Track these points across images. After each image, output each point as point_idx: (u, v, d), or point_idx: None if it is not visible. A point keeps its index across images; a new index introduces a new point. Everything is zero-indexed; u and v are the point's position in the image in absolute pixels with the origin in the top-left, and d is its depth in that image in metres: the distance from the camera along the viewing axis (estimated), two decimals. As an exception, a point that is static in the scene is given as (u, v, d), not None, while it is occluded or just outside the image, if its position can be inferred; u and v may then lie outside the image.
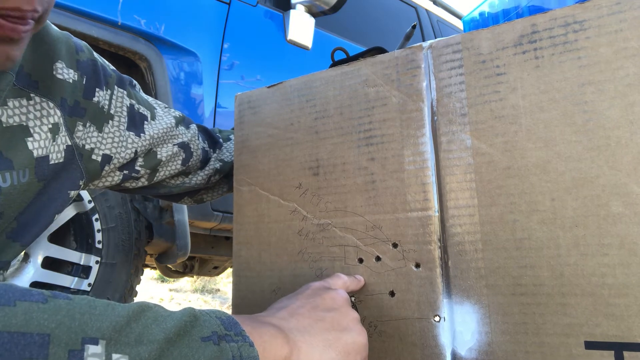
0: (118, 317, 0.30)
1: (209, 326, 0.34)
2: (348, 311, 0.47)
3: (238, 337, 0.35)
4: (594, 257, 0.45)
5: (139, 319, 0.31)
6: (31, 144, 0.48)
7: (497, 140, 0.51)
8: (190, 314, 0.35)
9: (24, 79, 0.48)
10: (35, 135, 0.49)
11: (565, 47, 0.49)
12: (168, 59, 1.45)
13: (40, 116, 0.49)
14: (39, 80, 0.50)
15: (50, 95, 0.51)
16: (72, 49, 0.54)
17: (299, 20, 1.70)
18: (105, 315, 0.30)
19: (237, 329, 0.36)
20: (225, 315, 0.37)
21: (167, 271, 2.27)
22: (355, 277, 0.57)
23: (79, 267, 1.33)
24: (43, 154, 0.50)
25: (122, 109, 0.61)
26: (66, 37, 0.54)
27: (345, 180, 0.60)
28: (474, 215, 0.51)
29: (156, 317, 0.33)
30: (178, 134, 0.69)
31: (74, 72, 0.54)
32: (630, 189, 0.44)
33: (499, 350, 0.48)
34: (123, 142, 0.60)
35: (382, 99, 0.59)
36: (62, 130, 0.52)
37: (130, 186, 0.67)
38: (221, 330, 0.35)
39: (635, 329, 0.42)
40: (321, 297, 0.47)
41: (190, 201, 0.82)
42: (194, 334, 0.33)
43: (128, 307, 0.32)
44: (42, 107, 0.50)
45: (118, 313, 0.31)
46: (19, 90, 0.48)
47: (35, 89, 0.49)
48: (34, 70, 0.49)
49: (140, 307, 0.33)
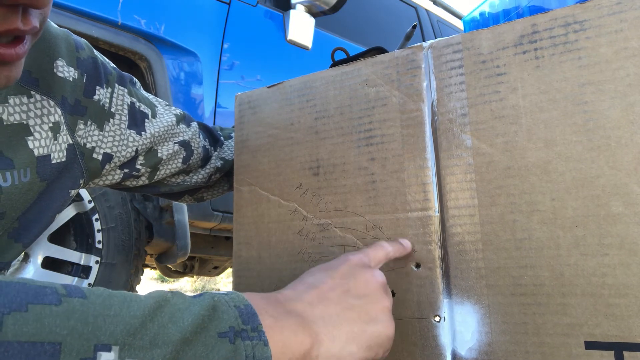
0: (133, 317, 0.30)
1: (227, 319, 0.33)
2: (379, 299, 0.44)
3: (254, 333, 0.34)
4: (594, 257, 0.45)
5: (154, 318, 0.31)
6: (32, 143, 0.48)
7: (497, 140, 0.51)
8: (209, 305, 0.34)
9: (24, 76, 0.48)
10: (35, 134, 0.48)
11: (566, 47, 0.49)
12: (168, 59, 1.45)
13: (40, 114, 0.49)
14: (39, 77, 0.49)
15: (50, 94, 0.50)
16: (72, 47, 0.54)
17: (299, 20, 1.70)
18: (120, 316, 0.29)
19: (255, 323, 0.35)
20: (244, 302, 0.36)
21: (167, 271, 2.28)
22: (400, 243, 0.52)
23: (79, 267, 1.33)
24: (44, 153, 0.49)
25: (123, 107, 0.60)
26: (66, 35, 0.54)
27: (345, 181, 0.60)
28: (474, 215, 0.51)
29: (173, 314, 0.32)
30: (179, 132, 0.69)
31: (74, 70, 0.53)
32: (631, 189, 0.44)
33: (499, 350, 0.48)
34: (124, 141, 0.60)
35: (382, 99, 0.59)
36: (63, 129, 0.52)
37: (130, 185, 0.67)
38: (238, 324, 0.34)
39: (635, 329, 0.42)
40: (355, 280, 0.44)
41: (190, 199, 0.81)
42: (211, 329, 0.32)
43: (145, 302, 0.31)
44: (42, 105, 0.49)
45: (134, 313, 0.30)
46: (19, 88, 0.47)
47: (35, 87, 0.49)
48: (34, 67, 0.49)
49: (157, 302, 0.32)
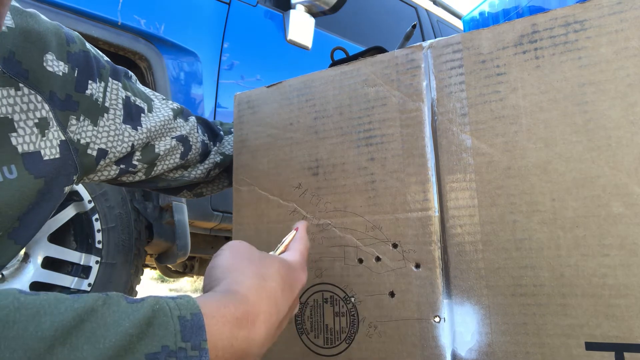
0: (39, 340, 0.25)
1: (161, 336, 0.29)
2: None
3: (194, 352, 0.30)
4: (595, 258, 0.44)
5: (68, 338, 0.26)
6: (15, 140, 0.47)
7: (497, 140, 0.51)
8: (144, 318, 0.29)
9: (15, 66, 0.47)
10: (19, 130, 0.47)
11: (566, 47, 0.48)
12: (168, 58, 1.45)
13: (26, 109, 0.48)
14: (29, 70, 0.48)
15: (39, 88, 0.49)
16: (63, 41, 0.53)
17: (299, 20, 1.69)
18: (22, 339, 0.25)
19: (198, 339, 0.31)
20: (192, 313, 0.32)
21: (167, 271, 2.28)
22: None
23: (79, 267, 1.33)
24: (30, 150, 0.48)
25: (118, 102, 0.59)
26: (56, 28, 0.53)
27: (344, 181, 0.60)
28: (474, 215, 0.51)
29: (94, 332, 0.27)
30: (176, 127, 0.68)
31: (65, 64, 0.52)
32: (631, 190, 0.44)
33: (499, 351, 0.47)
34: (119, 136, 0.59)
35: (381, 98, 0.59)
36: (52, 124, 0.51)
37: (127, 180, 0.66)
38: (175, 342, 0.30)
39: (636, 329, 0.42)
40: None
41: (189, 194, 0.80)
42: (137, 351, 0.28)
43: (63, 315, 0.27)
44: (29, 99, 0.48)
45: (42, 333, 0.26)
46: (8, 79, 0.46)
47: (25, 79, 0.48)
48: (25, 58, 0.48)
49: (79, 315, 0.28)
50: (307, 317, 0.60)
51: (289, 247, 0.49)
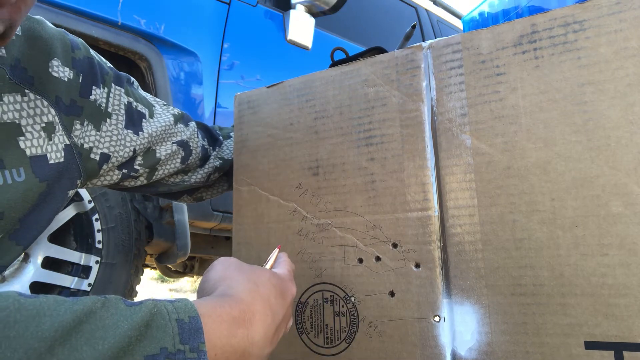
0: (40, 340, 0.26)
1: (160, 338, 0.30)
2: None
3: (193, 354, 0.30)
4: (594, 257, 0.45)
5: (68, 339, 0.26)
6: (23, 143, 0.48)
7: (497, 140, 0.51)
8: (142, 320, 0.30)
9: (20, 73, 0.48)
10: (27, 134, 0.48)
11: (565, 47, 0.49)
12: (168, 59, 1.45)
13: (33, 114, 0.49)
14: (34, 76, 0.49)
15: (45, 93, 0.50)
16: (68, 47, 0.54)
17: (299, 20, 1.70)
18: (22, 338, 0.25)
19: (196, 341, 0.31)
20: (190, 316, 0.32)
21: (167, 271, 2.28)
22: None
23: (79, 267, 1.33)
24: (38, 153, 0.49)
25: (120, 107, 0.60)
26: (61, 35, 0.54)
27: (345, 181, 0.60)
28: (474, 215, 0.51)
29: (93, 333, 0.28)
30: (177, 132, 0.69)
31: (70, 70, 0.53)
32: (630, 189, 0.44)
33: (498, 351, 0.48)
34: (121, 141, 0.60)
35: (381, 99, 0.59)
36: (58, 129, 0.52)
37: (129, 185, 0.67)
38: (174, 344, 0.30)
39: (635, 329, 0.42)
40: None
41: (189, 199, 0.81)
42: (136, 352, 0.28)
43: (63, 316, 0.27)
44: (35, 105, 0.49)
45: (42, 333, 0.26)
46: (14, 85, 0.47)
47: (30, 85, 0.49)
48: (31, 65, 0.49)
49: (78, 316, 0.28)
50: (307, 316, 0.61)
51: (275, 266, 0.51)
